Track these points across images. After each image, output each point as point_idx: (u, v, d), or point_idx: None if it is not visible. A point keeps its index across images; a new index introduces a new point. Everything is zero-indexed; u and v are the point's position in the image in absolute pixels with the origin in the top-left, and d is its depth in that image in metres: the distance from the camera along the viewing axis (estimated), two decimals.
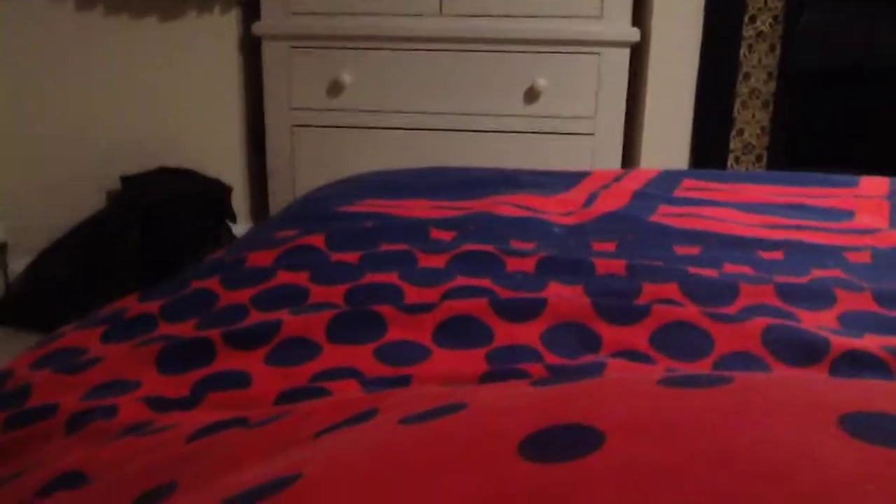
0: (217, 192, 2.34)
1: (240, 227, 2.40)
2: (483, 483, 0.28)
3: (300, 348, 0.67)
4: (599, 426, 0.31)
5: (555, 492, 0.27)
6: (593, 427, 0.31)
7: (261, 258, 0.89)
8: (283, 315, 0.72)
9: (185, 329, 0.74)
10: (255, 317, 0.75)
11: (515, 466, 0.29)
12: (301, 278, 0.82)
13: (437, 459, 0.30)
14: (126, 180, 2.33)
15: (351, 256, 0.87)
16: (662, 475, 0.27)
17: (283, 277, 0.83)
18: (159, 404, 0.60)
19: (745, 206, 1.12)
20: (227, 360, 0.66)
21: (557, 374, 0.61)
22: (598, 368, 0.63)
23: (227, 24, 2.37)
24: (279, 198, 2.41)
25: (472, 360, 0.66)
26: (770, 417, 0.30)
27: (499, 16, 2.28)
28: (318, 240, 0.93)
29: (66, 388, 0.64)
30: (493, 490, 0.27)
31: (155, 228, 2.16)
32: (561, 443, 0.30)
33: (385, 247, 0.91)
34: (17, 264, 2.32)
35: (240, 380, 0.63)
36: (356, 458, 0.31)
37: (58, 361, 0.70)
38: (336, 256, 0.87)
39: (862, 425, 0.29)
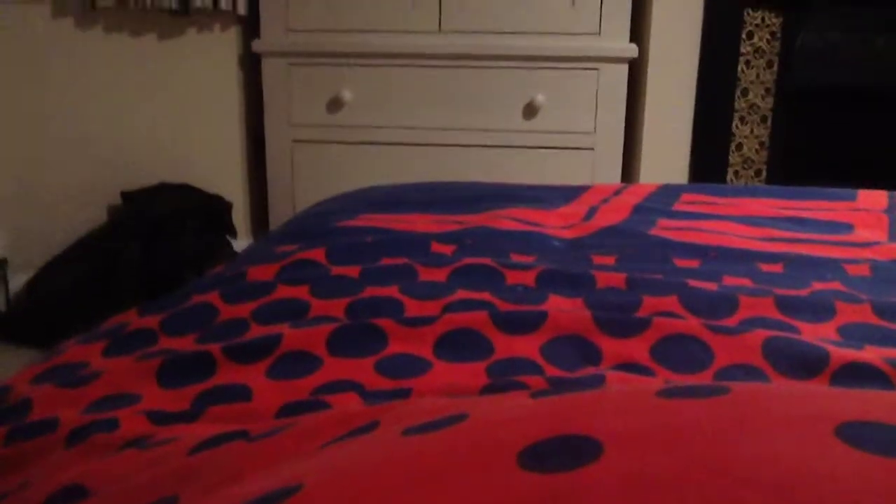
0: (217, 208, 2.34)
1: (240, 243, 2.40)
2: (483, 493, 0.28)
3: (301, 362, 0.67)
4: (598, 437, 0.31)
5: (554, 501, 0.27)
6: (592, 438, 0.31)
7: (261, 272, 0.90)
8: (284, 329, 0.72)
9: (185, 343, 0.74)
10: (256, 331, 0.75)
11: (515, 476, 0.29)
12: (301, 292, 0.82)
13: (437, 470, 0.30)
14: (126, 196, 2.33)
15: (351, 270, 0.87)
16: (661, 485, 0.27)
17: (284, 291, 0.83)
18: (160, 418, 0.60)
19: (745, 219, 1.13)
20: (228, 374, 0.66)
21: (557, 387, 0.61)
22: (598, 381, 0.63)
23: (227, 42, 2.38)
24: (279, 213, 2.42)
25: (473, 373, 0.66)
26: (768, 427, 0.30)
27: (498, 32, 2.29)
28: (318, 254, 0.94)
29: (67, 401, 0.64)
30: (493, 500, 0.27)
31: (156, 244, 2.16)
32: (560, 453, 0.30)
33: (385, 261, 0.91)
34: (18, 280, 2.33)
35: (240, 393, 0.63)
36: (357, 468, 0.31)
37: (58, 376, 0.71)
38: (336, 270, 0.87)
39: (859, 434, 0.29)
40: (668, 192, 1.30)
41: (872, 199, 1.25)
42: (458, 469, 0.29)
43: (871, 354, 0.67)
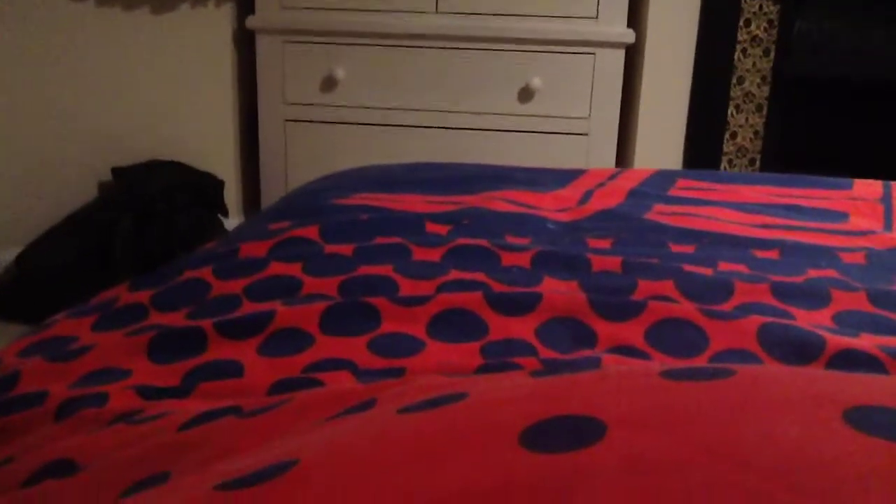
0: (209, 186, 2.33)
1: (231, 221, 2.39)
2: (483, 470, 0.27)
3: (293, 339, 0.67)
4: (601, 417, 0.30)
5: (556, 482, 0.27)
6: (595, 418, 0.30)
7: (254, 249, 0.89)
8: (276, 306, 0.71)
9: (176, 318, 0.73)
10: (248, 307, 0.74)
11: (517, 456, 0.28)
12: (294, 269, 0.81)
13: (436, 447, 0.29)
14: (117, 172, 2.31)
15: (345, 249, 0.86)
16: (664, 467, 0.27)
17: (277, 268, 0.82)
18: (150, 393, 0.59)
19: (740, 205, 1.12)
20: (220, 350, 0.65)
21: (553, 369, 0.60)
22: (592, 364, 0.63)
23: (221, 18, 2.36)
24: (271, 192, 2.40)
25: (467, 353, 0.65)
26: (774, 410, 0.30)
27: (495, 14, 2.27)
28: (312, 231, 0.93)
29: (56, 375, 0.63)
30: (495, 479, 0.27)
31: (146, 221, 2.15)
32: (562, 433, 0.29)
33: (379, 240, 0.90)
34: (7, 255, 2.31)
35: (232, 369, 0.63)
36: (355, 445, 0.30)
37: (47, 349, 0.70)
38: (330, 248, 0.87)
39: (866, 419, 0.28)
40: (663, 178, 1.30)
41: (868, 188, 1.24)
42: (458, 446, 0.29)
43: (867, 342, 0.66)
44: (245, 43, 2.39)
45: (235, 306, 0.75)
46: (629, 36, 2.25)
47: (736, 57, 2.32)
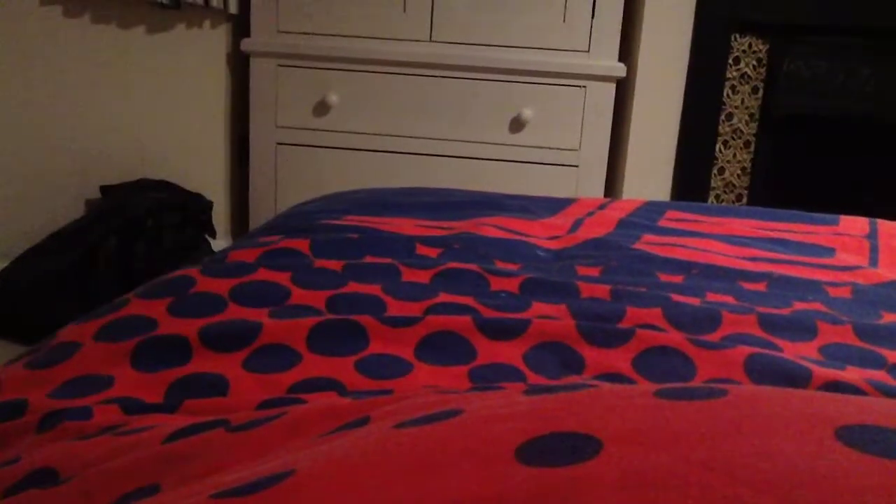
0: (198, 207, 2.32)
1: (219, 243, 2.38)
2: (480, 484, 0.27)
3: (280, 355, 0.66)
4: (597, 434, 0.30)
5: (552, 495, 0.27)
6: (591, 435, 0.30)
7: (242, 255, 0.88)
8: (263, 318, 0.71)
9: (157, 307, 0.72)
10: (233, 311, 0.73)
11: (512, 470, 0.28)
12: (282, 278, 0.81)
13: (433, 461, 0.29)
14: (106, 190, 2.31)
15: (334, 264, 0.86)
16: (660, 483, 0.27)
17: (265, 275, 0.81)
18: (134, 408, 0.58)
19: (728, 238, 1.13)
20: (204, 362, 0.64)
21: (543, 391, 0.60)
22: (580, 389, 0.62)
23: (216, 39, 2.37)
24: (260, 215, 2.40)
25: (455, 376, 0.65)
26: (768, 428, 0.30)
27: (488, 45, 2.29)
28: (302, 245, 0.92)
29: (37, 383, 0.62)
30: (490, 491, 0.27)
31: (133, 240, 2.14)
32: (558, 449, 0.29)
33: (369, 259, 0.90)
34: None
35: (217, 384, 0.62)
36: (351, 457, 0.30)
37: (31, 356, 0.69)
38: (319, 263, 0.86)
39: (859, 437, 0.29)
40: (652, 209, 1.31)
41: (854, 224, 1.26)
42: (453, 460, 0.29)
43: (854, 375, 0.67)
44: (239, 65, 2.40)
45: (220, 309, 0.74)
46: (620, 70, 2.28)
47: (725, 94, 2.35)
